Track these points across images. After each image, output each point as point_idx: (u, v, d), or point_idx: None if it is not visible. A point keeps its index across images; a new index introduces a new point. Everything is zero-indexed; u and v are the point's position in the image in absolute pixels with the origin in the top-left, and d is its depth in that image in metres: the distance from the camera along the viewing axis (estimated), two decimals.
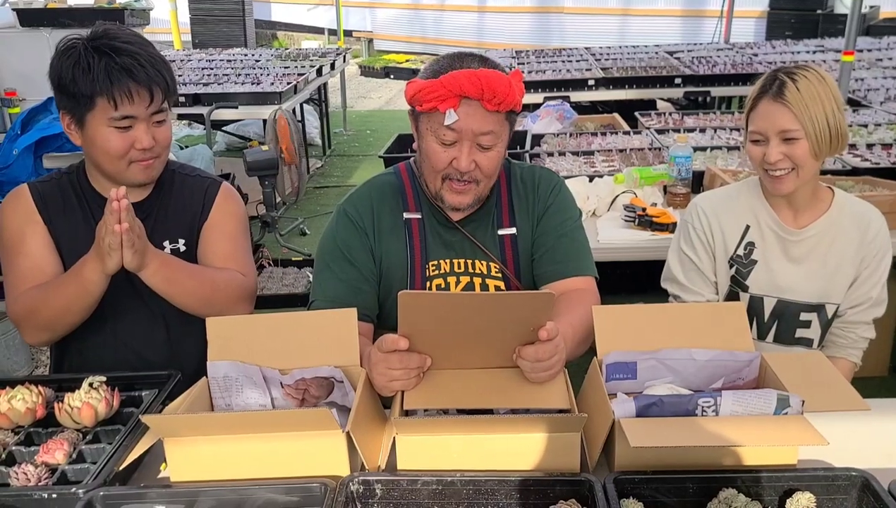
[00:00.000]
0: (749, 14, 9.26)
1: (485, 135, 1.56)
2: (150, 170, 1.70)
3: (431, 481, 1.22)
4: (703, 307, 1.73)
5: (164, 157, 1.74)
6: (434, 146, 1.59)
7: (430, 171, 1.63)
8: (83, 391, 1.41)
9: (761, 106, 1.79)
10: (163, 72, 1.64)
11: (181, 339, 1.79)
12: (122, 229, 1.48)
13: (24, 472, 1.27)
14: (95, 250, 1.54)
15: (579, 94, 5.13)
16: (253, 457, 1.28)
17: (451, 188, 1.62)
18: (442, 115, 1.54)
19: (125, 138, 1.63)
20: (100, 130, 1.62)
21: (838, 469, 1.23)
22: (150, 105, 1.63)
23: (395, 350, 1.30)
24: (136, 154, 1.65)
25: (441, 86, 1.52)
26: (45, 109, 3.71)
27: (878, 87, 4.68)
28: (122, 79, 1.58)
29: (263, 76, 5.80)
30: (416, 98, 1.57)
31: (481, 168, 1.59)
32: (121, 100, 1.59)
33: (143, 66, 1.60)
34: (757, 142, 1.81)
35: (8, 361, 3.39)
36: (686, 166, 2.89)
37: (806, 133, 1.73)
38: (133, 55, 1.60)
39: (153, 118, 1.65)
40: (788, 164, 1.77)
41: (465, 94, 1.51)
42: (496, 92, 1.51)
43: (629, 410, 1.28)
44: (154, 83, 1.62)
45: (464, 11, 12.24)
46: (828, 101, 1.73)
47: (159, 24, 9.60)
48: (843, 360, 1.94)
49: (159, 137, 1.67)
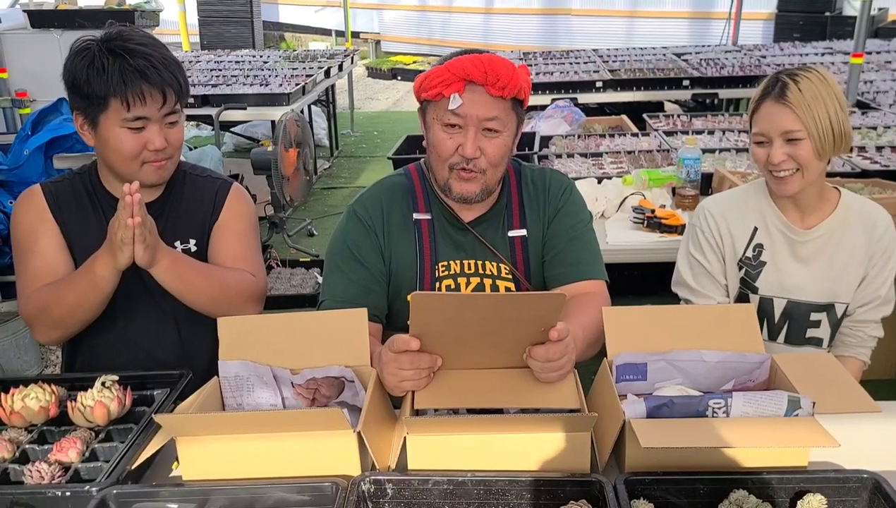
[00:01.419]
0: (757, 16, 9.23)
1: (490, 121, 1.56)
2: (162, 172, 1.71)
3: (442, 481, 1.22)
4: (713, 309, 1.73)
5: (176, 158, 1.75)
6: (440, 134, 1.60)
7: (438, 161, 1.64)
8: (96, 390, 1.42)
9: (764, 108, 1.80)
10: (176, 74, 1.65)
11: (192, 339, 1.80)
12: (135, 223, 1.48)
13: (37, 470, 1.28)
14: (107, 245, 1.55)
15: (587, 96, 5.13)
16: (264, 457, 1.28)
17: (458, 176, 1.62)
18: (447, 102, 1.55)
19: (138, 139, 1.64)
20: (113, 131, 1.63)
21: (849, 471, 1.23)
22: (163, 106, 1.64)
23: (406, 350, 1.31)
24: (148, 155, 1.66)
25: (446, 70, 1.54)
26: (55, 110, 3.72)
27: (888, 90, 4.66)
28: (135, 80, 1.59)
29: (271, 77, 5.82)
30: (423, 86, 1.59)
31: (487, 155, 1.59)
32: (133, 101, 1.60)
33: (156, 68, 1.61)
34: (761, 144, 1.82)
35: (18, 360, 3.40)
36: (695, 168, 2.89)
37: (809, 133, 1.74)
38: (147, 57, 1.61)
39: (166, 119, 1.66)
40: (792, 165, 1.78)
41: (469, 78, 1.52)
42: (500, 75, 1.52)
43: (640, 411, 1.28)
44: (167, 85, 1.63)
45: (471, 13, 12.24)
46: (830, 101, 1.73)
47: (168, 25, 9.62)
48: (853, 360, 1.94)
49: (171, 138, 1.68)
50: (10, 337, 3.33)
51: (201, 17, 10.24)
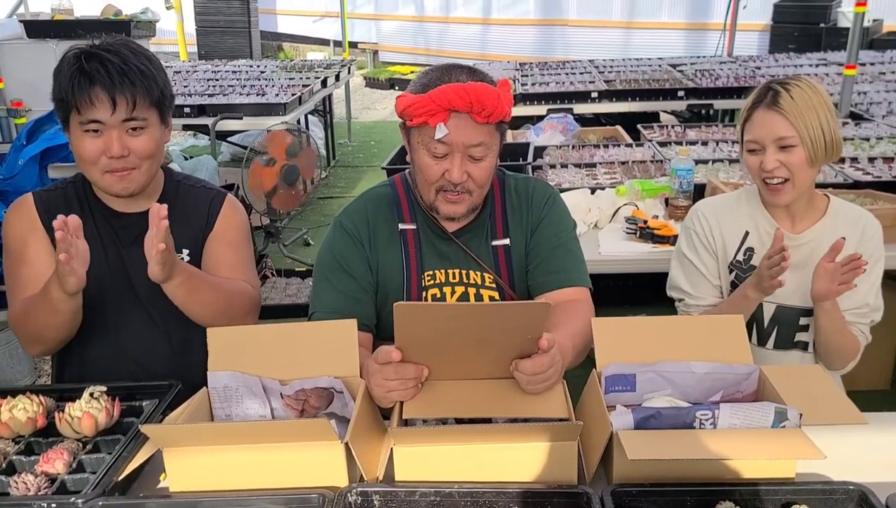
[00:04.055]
0: (752, 27, 9.27)
1: (475, 147, 1.57)
2: (125, 182, 1.67)
3: (429, 492, 1.22)
4: (702, 320, 1.73)
5: (146, 169, 1.69)
6: (426, 159, 1.60)
7: (424, 184, 1.65)
8: (84, 401, 1.42)
9: (756, 116, 1.82)
10: (137, 82, 1.61)
11: (183, 349, 1.80)
12: (159, 249, 1.48)
13: (23, 481, 1.27)
14: (55, 271, 1.52)
15: (582, 106, 5.14)
16: (252, 468, 1.28)
17: (445, 199, 1.64)
18: (432, 129, 1.55)
19: (95, 144, 1.63)
20: (76, 134, 1.64)
21: (836, 482, 1.23)
22: (115, 113, 1.60)
23: (389, 362, 1.31)
24: (106, 162, 1.63)
25: (430, 101, 1.53)
26: (50, 120, 3.73)
27: (881, 101, 4.68)
28: (83, 84, 1.58)
29: (268, 87, 5.83)
30: (407, 112, 1.58)
31: (473, 178, 1.61)
32: (82, 105, 1.59)
33: (109, 73, 1.59)
34: (753, 152, 1.84)
35: (11, 370, 3.40)
36: (688, 179, 2.90)
37: (801, 140, 1.76)
38: (105, 62, 1.59)
39: (125, 126, 1.63)
40: (785, 173, 1.80)
41: (454, 108, 1.52)
42: (485, 105, 1.52)
43: (627, 422, 1.28)
44: (119, 91, 1.59)
45: (468, 23, 12.29)
46: (821, 109, 1.76)
47: (166, 35, 9.66)
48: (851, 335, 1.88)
49: (134, 147, 1.64)
50: (3, 346, 3.33)
51: (199, 26, 10.29)
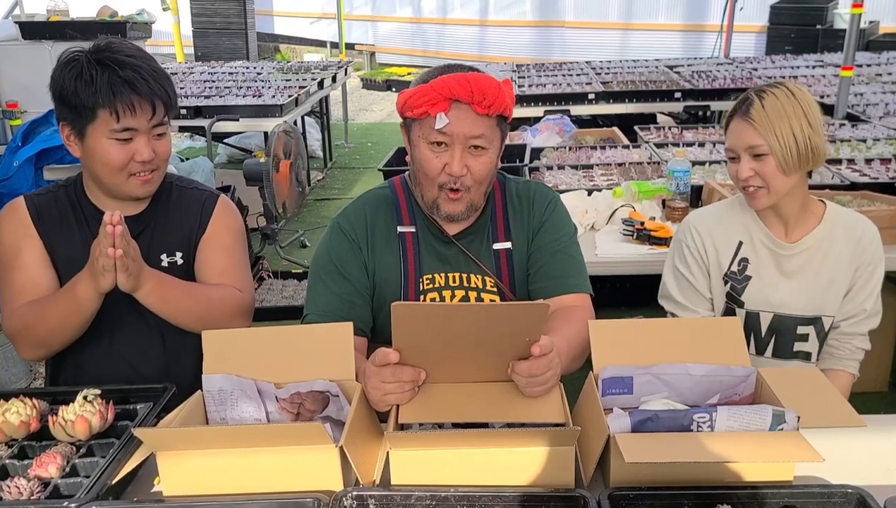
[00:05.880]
0: (749, 29, 9.29)
1: (476, 138, 1.56)
2: (149, 185, 1.71)
3: (425, 496, 1.21)
4: (699, 322, 1.73)
5: (163, 171, 1.75)
6: (426, 153, 1.59)
7: (426, 179, 1.63)
8: (77, 404, 1.41)
9: (732, 124, 1.85)
10: (165, 86, 1.66)
11: (177, 353, 1.79)
12: (116, 255, 1.48)
13: (16, 486, 1.26)
14: (89, 268, 1.55)
15: (579, 108, 5.15)
16: (246, 471, 1.27)
17: (447, 197, 1.62)
18: (433, 120, 1.55)
19: (125, 150, 1.63)
20: (100, 142, 1.62)
21: (834, 485, 1.22)
22: (152, 118, 1.64)
23: (387, 363, 1.30)
24: (135, 166, 1.65)
25: (431, 90, 1.53)
26: (46, 121, 3.72)
27: (878, 102, 4.68)
28: (124, 91, 1.59)
29: (265, 89, 5.82)
30: (408, 104, 1.58)
31: (473, 173, 1.59)
32: (123, 112, 1.60)
33: (145, 80, 1.61)
34: (732, 160, 1.87)
35: (6, 373, 3.38)
36: (684, 180, 2.89)
37: (771, 148, 1.76)
38: (136, 68, 1.61)
39: (154, 131, 1.66)
40: (759, 181, 1.81)
41: (455, 97, 1.52)
42: (486, 94, 1.52)
43: (624, 425, 1.28)
44: (156, 96, 1.63)
45: (465, 25, 12.30)
46: (795, 117, 1.76)
47: (162, 36, 9.65)
48: (842, 372, 1.94)
49: (159, 150, 1.68)
50: None
51: (195, 28, 10.25)
